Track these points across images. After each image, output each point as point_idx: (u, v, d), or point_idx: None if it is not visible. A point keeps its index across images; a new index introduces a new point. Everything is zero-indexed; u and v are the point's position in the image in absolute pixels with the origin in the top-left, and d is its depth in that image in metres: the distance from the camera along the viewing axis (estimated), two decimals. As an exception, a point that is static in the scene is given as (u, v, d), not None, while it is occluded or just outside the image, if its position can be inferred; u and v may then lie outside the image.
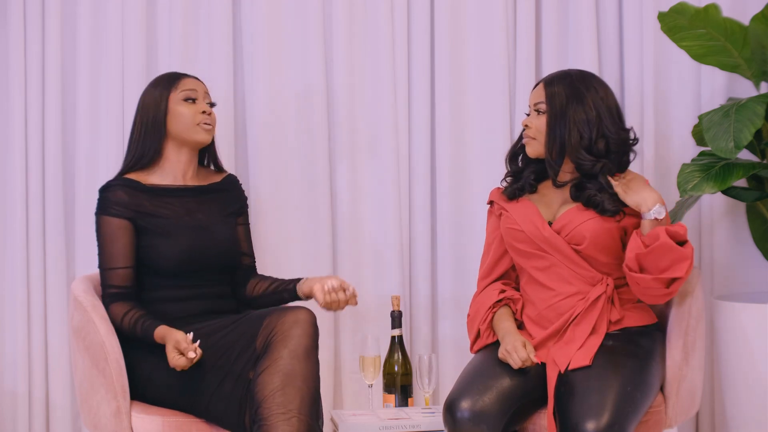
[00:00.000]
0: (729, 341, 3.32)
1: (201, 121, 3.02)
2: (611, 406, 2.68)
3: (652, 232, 2.81)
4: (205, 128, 3.03)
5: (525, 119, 2.97)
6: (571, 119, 2.88)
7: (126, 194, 2.97)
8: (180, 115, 3.01)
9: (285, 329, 2.77)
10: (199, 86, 3.07)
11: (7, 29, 3.47)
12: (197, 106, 3.03)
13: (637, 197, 2.84)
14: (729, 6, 3.52)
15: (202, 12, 3.53)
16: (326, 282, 2.94)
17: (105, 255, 2.97)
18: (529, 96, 3.01)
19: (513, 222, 2.96)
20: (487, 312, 2.96)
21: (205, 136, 3.03)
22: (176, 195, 3.03)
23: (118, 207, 2.96)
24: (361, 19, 3.59)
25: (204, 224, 3.02)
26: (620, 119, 2.94)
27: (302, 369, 2.73)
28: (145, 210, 2.97)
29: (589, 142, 2.88)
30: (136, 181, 3.00)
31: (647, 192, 2.84)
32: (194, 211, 3.03)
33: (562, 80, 2.93)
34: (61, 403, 3.49)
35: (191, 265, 2.96)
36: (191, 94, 3.04)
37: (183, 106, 3.02)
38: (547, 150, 2.92)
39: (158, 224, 2.97)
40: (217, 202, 3.09)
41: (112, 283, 2.95)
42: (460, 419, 2.72)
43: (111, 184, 3.01)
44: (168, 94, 3.03)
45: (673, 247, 2.78)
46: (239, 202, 3.15)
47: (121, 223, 2.96)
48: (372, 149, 3.59)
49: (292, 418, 2.68)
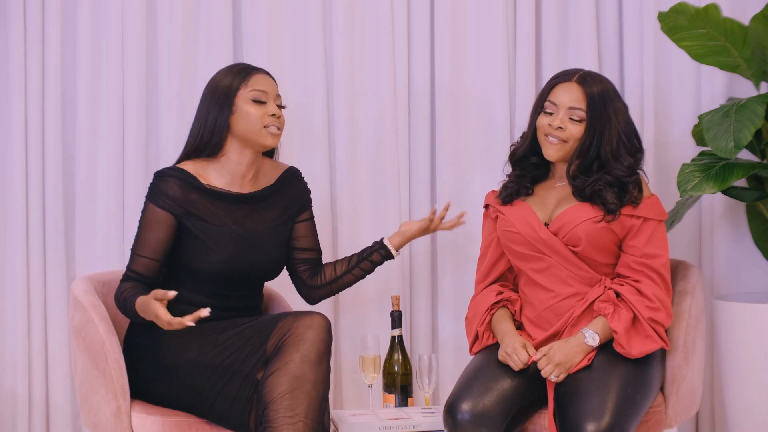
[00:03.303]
0: (729, 341, 3.32)
1: (269, 123, 2.92)
2: (612, 407, 2.68)
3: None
4: (272, 132, 2.93)
5: (553, 120, 2.88)
6: (613, 130, 2.84)
7: (179, 188, 2.89)
8: (247, 115, 2.91)
9: (299, 332, 2.76)
10: (270, 86, 2.96)
11: (7, 29, 3.46)
12: (266, 108, 2.93)
13: (560, 355, 2.79)
14: (729, 6, 3.52)
15: (202, 12, 3.53)
16: (413, 225, 3.09)
17: (138, 239, 2.91)
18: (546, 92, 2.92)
19: (509, 224, 2.94)
20: (485, 314, 2.96)
21: (271, 140, 2.93)
22: (229, 201, 2.94)
23: (168, 200, 2.89)
24: (361, 19, 3.59)
25: (250, 235, 2.93)
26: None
27: (313, 374, 2.72)
28: (194, 210, 2.90)
29: (629, 151, 2.86)
30: (194, 177, 2.91)
31: (565, 349, 2.80)
32: (244, 220, 2.94)
33: (596, 83, 2.87)
34: (61, 403, 3.49)
35: (229, 274, 2.91)
36: (261, 96, 2.93)
37: (251, 106, 2.92)
38: (576, 156, 2.86)
39: (203, 229, 2.90)
40: (271, 209, 3.00)
41: (132, 267, 2.91)
42: (460, 421, 2.72)
43: (167, 172, 2.92)
44: (237, 90, 2.93)
45: (629, 339, 2.80)
46: (299, 201, 3.06)
47: (164, 216, 2.89)
48: (372, 149, 3.59)
49: (299, 423, 2.67)
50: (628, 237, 2.86)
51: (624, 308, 2.82)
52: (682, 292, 3.01)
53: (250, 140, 2.92)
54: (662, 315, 2.83)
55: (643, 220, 2.85)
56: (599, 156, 2.86)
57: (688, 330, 2.95)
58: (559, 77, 2.93)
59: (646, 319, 2.81)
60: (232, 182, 2.96)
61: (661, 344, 2.84)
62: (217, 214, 2.92)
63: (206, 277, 2.91)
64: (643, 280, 2.83)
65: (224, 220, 2.92)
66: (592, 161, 2.87)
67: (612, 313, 2.81)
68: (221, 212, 2.93)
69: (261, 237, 2.96)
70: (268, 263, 2.98)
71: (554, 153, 2.90)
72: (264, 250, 2.96)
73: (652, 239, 2.85)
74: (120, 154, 3.49)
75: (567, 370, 2.78)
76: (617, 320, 2.80)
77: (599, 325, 2.82)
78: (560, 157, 2.90)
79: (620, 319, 2.80)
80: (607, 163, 2.85)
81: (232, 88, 2.93)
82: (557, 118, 2.88)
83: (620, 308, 2.82)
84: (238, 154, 2.95)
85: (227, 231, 2.91)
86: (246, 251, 2.92)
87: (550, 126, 2.89)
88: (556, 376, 2.78)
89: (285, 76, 3.55)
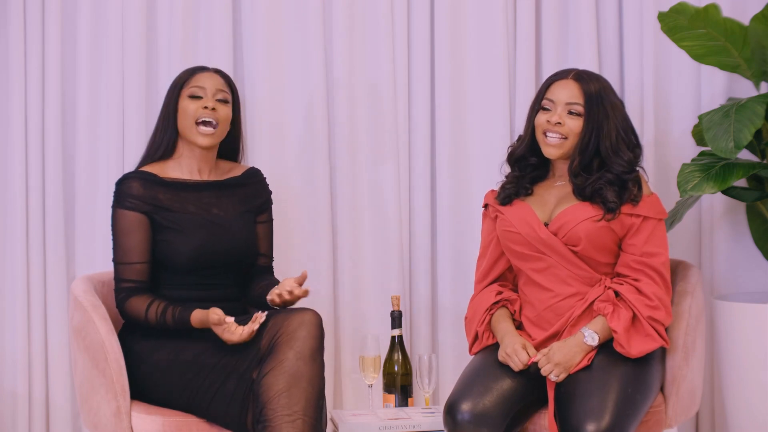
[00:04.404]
0: (729, 341, 3.32)
1: (201, 116, 2.94)
2: (612, 407, 2.67)
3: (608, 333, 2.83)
4: (201, 131, 2.95)
5: (552, 116, 2.88)
6: (611, 125, 2.85)
7: (142, 187, 2.93)
8: (183, 111, 2.98)
9: (291, 330, 2.76)
10: (211, 82, 2.99)
11: (7, 29, 3.47)
12: (201, 102, 2.97)
13: (560, 355, 2.79)
14: (729, 6, 3.52)
15: (202, 12, 3.53)
16: (276, 289, 2.89)
17: (120, 249, 2.93)
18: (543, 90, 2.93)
19: (509, 224, 2.94)
20: (485, 314, 2.96)
21: (201, 140, 2.96)
22: (193, 190, 2.98)
23: (134, 200, 2.92)
24: (361, 19, 3.59)
25: (219, 220, 2.97)
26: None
27: (308, 371, 2.73)
28: (161, 204, 2.93)
29: (628, 146, 2.86)
30: (153, 174, 2.96)
31: (564, 349, 2.80)
32: (210, 207, 2.99)
33: (593, 80, 2.88)
34: (61, 403, 3.49)
35: (204, 261, 2.92)
36: (197, 91, 2.98)
37: (188, 102, 2.98)
38: (577, 152, 2.87)
39: (173, 219, 2.93)
40: (235, 198, 3.03)
41: (126, 277, 2.92)
42: (460, 421, 2.72)
43: (127, 176, 2.97)
44: (180, 89, 2.99)
45: (629, 339, 2.80)
46: (261, 198, 3.09)
47: (136, 217, 2.92)
48: (372, 149, 3.59)
49: (297, 420, 2.67)
50: (627, 236, 2.86)
51: (623, 308, 2.82)
52: (682, 292, 3.01)
53: (187, 138, 2.98)
54: (662, 313, 2.83)
55: (642, 218, 2.85)
56: (599, 152, 2.86)
57: (688, 330, 2.95)
58: (554, 76, 2.94)
59: (645, 317, 2.81)
60: (191, 175, 3.01)
61: (661, 343, 2.84)
62: (183, 203, 2.96)
63: (183, 268, 2.92)
64: (643, 279, 2.83)
65: (191, 206, 2.97)
66: (592, 158, 2.87)
67: (611, 312, 2.81)
68: (186, 201, 2.97)
69: (229, 222, 2.99)
70: (240, 246, 2.99)
71: (554, 151, 2.89)
72: (233, 234, 2.98)
73: (651, 238, 2.85)
74: (120, 154, 3.49)
75: (567, 370, 2.78)
76: (617, 320, 2.80)
77: (599, 324, 2.82)
78: (560, 154, 2.89)
79: (620, 319, 2.80)
80: (607, 158, 2.85)
81: (177, 86, 3.01)
82: (555, 114, 2.88)
83: (620, 308, 2.82)
84: (188, 149, 3.01)
85: (196, 219, 2.95)
86: (216, 236, 2.95)
87: (548, 122, 2.88)
88: (555, 376, 2.78)
89: (285, 76, 3.56)
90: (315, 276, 3.51)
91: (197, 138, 2.97)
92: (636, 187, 2.86)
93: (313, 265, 3.53)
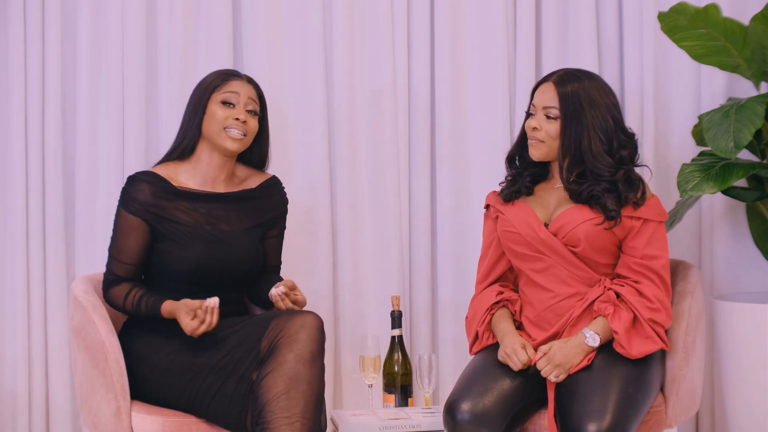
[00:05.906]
0: (729, 341, 3.32)
1: (231, 126, 2.93)
2: (613, 407, 2.68)
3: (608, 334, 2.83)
4: (232, 135, 2.93)
5: (531, 121, 2.90)
6: (589, 125, 2.84)
7: (150, 193, 2.92)
8: (213, 115, 2.95)
9: (292, 333, 2.76)
10: (245, 91, 2.97)
11: (7, 29, 3.47)
12: (232, 111, 2.94)
13: (560, 356, 2.79)
14: (729, 6, 3.52)
15: (202, 12, 3.53)
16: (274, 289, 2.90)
17: (115, 245, 2.95)
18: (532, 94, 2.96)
19: (509, 224, 2.94)
20: (485, 314, 2.96)
21: (231, 144, 2.94)
22: (204, 201, 2.96)
23: (138, 205, 2.92)
24: (361, 19, 3.59)
25: (223, 236, 2.95)
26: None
27: (308, 373, 2.73)
28: (165, 215, 2.92)
29: (610, 148, 2.85)
30: (165, 180, 2.94)
31: (565, 350, 2.80)
32: (219, 222, 2.96)
33: (572, 81, 2.87)
34: (61, 403, 3.49)
35: (202, 275, 2.92)
36: (231, 97, 2.95)
37: (219, 107, 2.95)
38: (561, 155, 2.86)
39: (175, 231, 2.92)
40: (245, 212, 3.01)
41: (114, 271, 2.95)
42: (460, 421, 2.72)
43: (139, 177, 2.96)
44: (212, 92, 2.96)
45: (630, 340, 2.80)
46: (273, 212, 3.07)
47: (135, 222, 2.92)
48: (372, 149, 3.59)
49: (296, 423, 2.68)
50: (628, 238, 2.86)
51: (624, 309, 2.82)
52: (682, 292, 3.01)
53: (213, 142, 2.95)
54: (662, 316, 2.83)
55: (643, 221, 2.85)
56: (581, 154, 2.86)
57: (688, 330, 2.95)
58: (541, 79, 2.96)
59: (646, 319, 2.81)
60: (204, 183, 2.99)
61: (661, 345, 2.84)
62: (189, 214, 2.94)
63: (179, 277, 2.92)
64: (643, 281, 2.84)
65: (197, 219, 2.95)
66: (581, 161, 2.86)
67: (612, 313, 2.81)
68: (194, 212, 2.95)
69: (234, 237, 2.97)
70: (240, 263, 2.97)
71: (534, 152, 2.91)
72: (236, 250, 2.96)
73: (652, 240, 2.85)
74: (120, 155, 3.50)
75: (567, 370, 2.78)
76: (618, 321, 2.80)
77: (599, 325, 2.82)
78: (541, 156, 2.90)
79: (621, 320, 2.80)
80: (588, 162, 2.85)
81: (208, 90, 2.98)
82: (535, 118, 2.90)
83: (620, 309, 2.82)
84: (208, 155, 2.98)
85: (199, 231, 2.93)
86: (217, 251, 2.93)
87: (528, 127, 2.91)
88: (555, 377, 2.78)
89: (285, 76, 3.56)
90: (315, 276, 3.52)
91: (226, 141, 2.94)
92: (632, 191, 2.85)
93: (313, 265, 3.53)
